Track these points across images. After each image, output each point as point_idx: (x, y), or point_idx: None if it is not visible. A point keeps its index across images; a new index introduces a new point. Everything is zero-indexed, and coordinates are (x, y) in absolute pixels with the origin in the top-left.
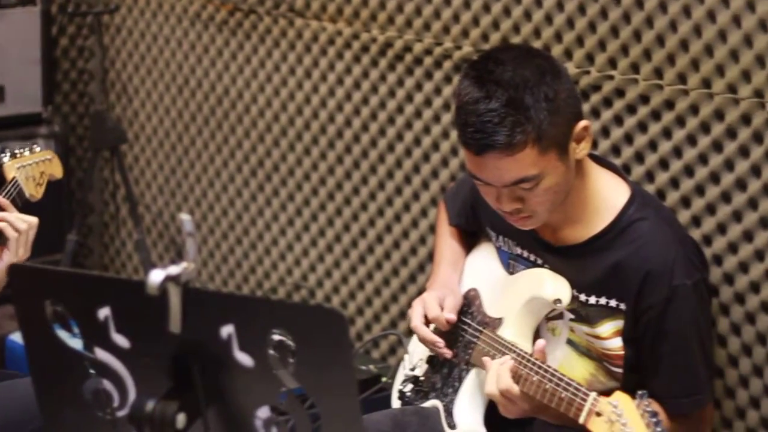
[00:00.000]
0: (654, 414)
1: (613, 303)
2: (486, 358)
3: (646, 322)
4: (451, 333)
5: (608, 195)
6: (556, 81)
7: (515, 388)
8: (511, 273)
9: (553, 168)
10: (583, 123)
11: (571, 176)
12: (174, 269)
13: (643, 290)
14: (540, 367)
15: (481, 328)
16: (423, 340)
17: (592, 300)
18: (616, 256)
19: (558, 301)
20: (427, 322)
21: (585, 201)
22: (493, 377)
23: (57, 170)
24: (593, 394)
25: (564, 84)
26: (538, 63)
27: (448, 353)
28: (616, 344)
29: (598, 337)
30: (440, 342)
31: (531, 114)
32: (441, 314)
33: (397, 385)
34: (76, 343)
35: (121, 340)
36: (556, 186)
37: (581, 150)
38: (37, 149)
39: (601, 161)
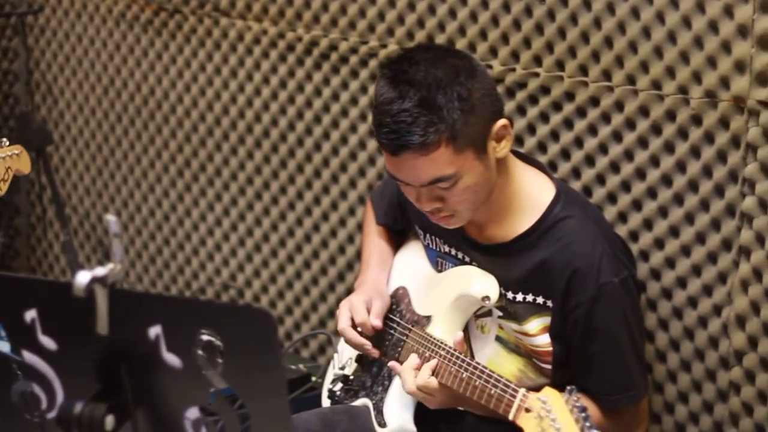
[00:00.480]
0: (583, 409)
1: (540, 300)
2: (393, 363)
3: (574, 321)
4: (380, 332)
5: (534, 193)
6: (471, 80)
7: (433, 382)
8: (440, 271)
9: (471, 167)
10: (502, 122)
11: (492, 175)
12: (100, 270)
13: (570, 289)
14: (469, 365)
15: (410, 326)
16: (350, 343)
17: (519, 297)
18: (542, 255)
19: (486, 298)
20: (354, 325)
21: (510, 199)
22: (410, 375)
23: (25, 165)
24: (522, 390)
25: (479, 83)
26: (453, 63)
27: (375, 353)
28: (544, 341)
29: (526, 334)
30: (368, 344)
31: (444, 114)
32: (367, 319)
33: (327, 385)
34: (3, 346)
35: (48, 343)
36: (476, 185)
37: (501, 149)
38: (6, 143)
39: (526, 159)
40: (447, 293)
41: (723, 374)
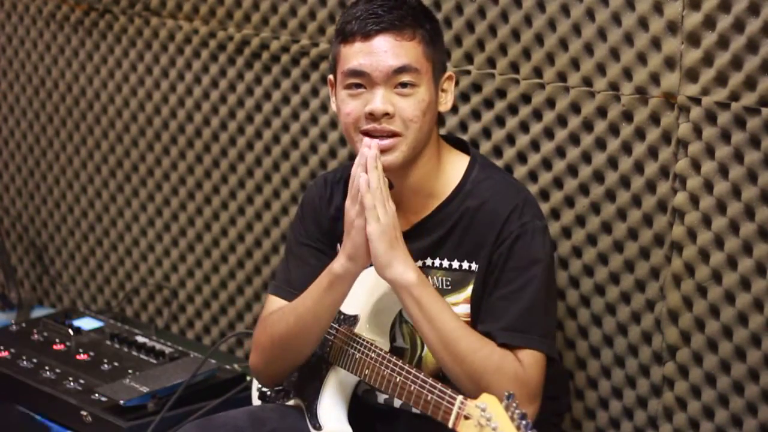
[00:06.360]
0: (523, 416)
1: (465, 265)
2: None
3: (496, 260)
4: None
5: (450, 164)
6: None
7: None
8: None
9: (428, 83)
10: (448, 73)
11: (433, 120)
12: None
13: (499, 237)
14: (402, 368)
15: (336, 326)
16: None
17: (456, 264)
18: (467, 217)
19: None
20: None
21: (433, 170)
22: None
23: None
24: (460, 397)
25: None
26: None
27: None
28: (463, 311)
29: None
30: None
31: (420, 18)
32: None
33: (256, 384)
34: None
35: None
36: (426, 107)
37: (443, 103)
38: None
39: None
40: (371, 292)
41: (656, 369)
